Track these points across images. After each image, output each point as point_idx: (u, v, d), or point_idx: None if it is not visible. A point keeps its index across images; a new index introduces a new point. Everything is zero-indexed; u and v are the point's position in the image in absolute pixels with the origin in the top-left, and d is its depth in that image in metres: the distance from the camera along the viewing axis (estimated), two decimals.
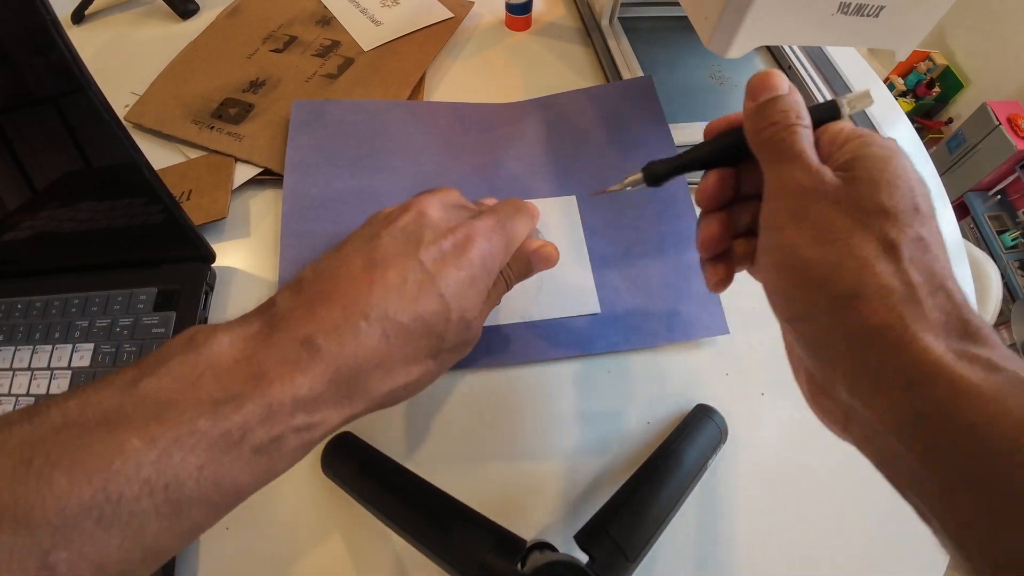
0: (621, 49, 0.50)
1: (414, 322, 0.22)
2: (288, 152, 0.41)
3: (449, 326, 0.23)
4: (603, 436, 0.34)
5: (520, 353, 0.35)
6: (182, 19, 0.53)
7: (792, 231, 0.20)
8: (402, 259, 0.23)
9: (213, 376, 0.19)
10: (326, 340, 0.21)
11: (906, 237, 0.18)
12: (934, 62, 1.56)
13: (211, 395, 0.19)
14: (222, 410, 0.18)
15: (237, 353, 0.20)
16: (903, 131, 0.52)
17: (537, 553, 0.25)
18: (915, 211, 0.19)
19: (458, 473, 0.32)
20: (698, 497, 0.32)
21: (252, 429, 0.19)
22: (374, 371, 0.22)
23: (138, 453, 0.17)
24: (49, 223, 0.33)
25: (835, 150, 0.21)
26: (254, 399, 0.19)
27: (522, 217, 0.28)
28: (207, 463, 0.18)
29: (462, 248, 0.24)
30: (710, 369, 0.37)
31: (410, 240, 0.24)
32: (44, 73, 0.27)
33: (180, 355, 0.19)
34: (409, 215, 0.25)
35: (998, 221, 1.36)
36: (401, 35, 0.50)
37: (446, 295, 0.23)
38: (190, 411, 0.18)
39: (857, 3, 0.34)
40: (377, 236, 0.24)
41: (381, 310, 0.22)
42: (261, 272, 0.38)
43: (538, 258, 0.29)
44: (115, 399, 0.18)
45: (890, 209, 0.18)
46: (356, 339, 0.21)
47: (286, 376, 0.20)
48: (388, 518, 0.26)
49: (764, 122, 0.22)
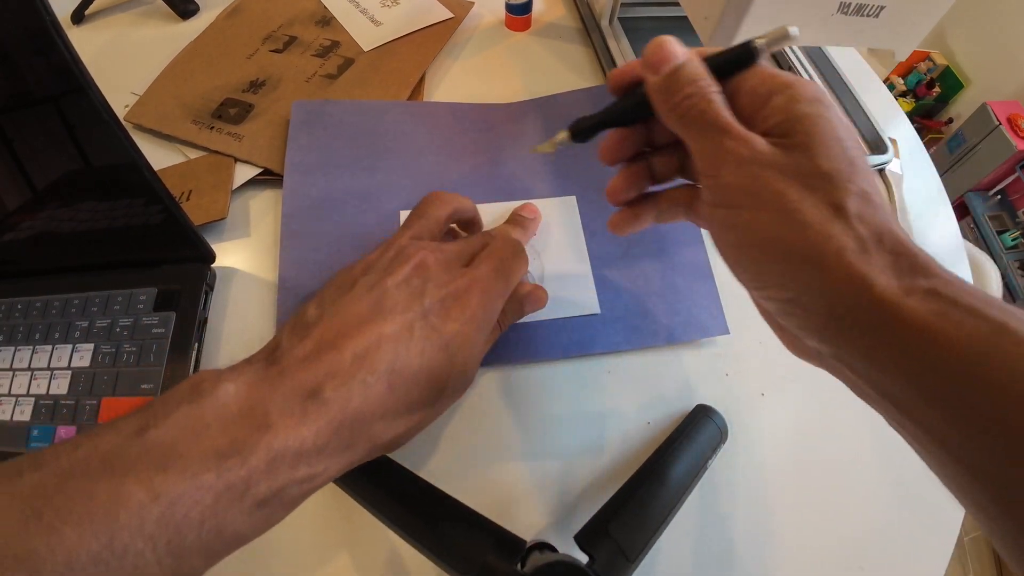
0: (621, 49, 0.50)
1: (419, 375, 0.23)
2: (288, 152, 0.41)
3: (451, 378, 0.24)
4: (603, 436, 0.34)
5: (520, 353, 0.35)
6: (182, 19, 0.53)
7: (748, 212, 0.20)
8: (408, 313, 0.23)
9: (219, 427, 0.19)
10: (333, 392, 0.21)
11: (850, 196, 0.19)
12: (934, 62, 1.56)
13: (216, 447, 0.19)
14: (227, 463, 0.18)
15: (243, 402, 0.20)
16: (903, 131, 0.51)
17: (537, 553, 0.25)
18: (852, 167, 0.19)
19: (458, 473, 0.32)
20: (698, 497, 0.32)
21: (256, 482, 0.19)
22: (377, 422, 0.22)
23: (143, 508, 0.17)
24: (49, 223, 0.33)
25: (760, 107, 0.21)
26: (258, 452, 0.19)
27: (519, 261, 0.28)
28: (210, 516, 0.18)
29: (464, 301, 0.25)
30: (710, 369, 0.37)
31: (414, 294, 0.24)
32: (44, 73, 0.27)
33: (186, 405, 0.19)
34: (411, 266, 0.25)
35: (998, 221, 1.36)
36: (401, 35, 0.50)
37: (450, 348, 0.24)
38: (195, 464, 0.18)
39: (857, 3, 0.34)
40: (382, 286, 0.24)
41: (388, 364, 0.22)
42: (261, 272, 0.38)
43: (530, 301, 0.30)
44: (121, 448, 0.18)
45: (831, 173, 0.19)
46: (363, 392, 0.21)
47: (291, 428, 0.20)
48: (388, 518, 0.26)
49: (676, 96, 0.22)
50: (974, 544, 1.22)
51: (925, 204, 0.46)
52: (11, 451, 0.31)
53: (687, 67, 0.22)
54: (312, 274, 0.36)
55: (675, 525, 0.28)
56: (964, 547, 1.22)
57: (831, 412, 0.36)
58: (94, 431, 0.19)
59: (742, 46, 0.22)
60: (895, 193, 0.46)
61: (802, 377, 0.37)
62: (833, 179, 0.19)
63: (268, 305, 0.36)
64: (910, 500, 0.34)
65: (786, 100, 0.21)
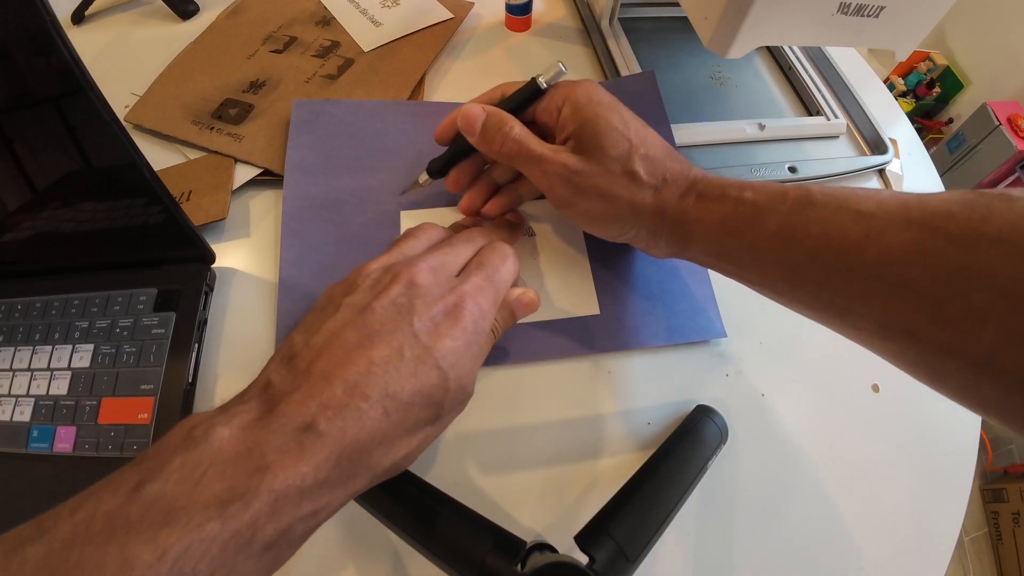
0: (621, 50, 0.50)
1: (414, 396, 0.22)
2: (288, 151, 0.41)
3: (448, 395, 0.23)
4: (603, 436, 0.34)
5: (519, 354, 0.35)
6: (182, 20, 0.53)
7: (583, 204, 0.30)
8: (397, 334, 0.23)
9: (217, 473, 0.19)
10: (328, 424, 0.20)
11: (634, 163, 0.29)
12: (934, 62, 1.56)
13: (217, 495, 0.18)
14: (230, 510, 0.18)
15: (238, 445, 0.20)
16: (903, 131, 0.51)
17: (537, 554, 0.25)
18: (627, 142, 0.30)
19: (458, 473, 0.32)
20: (698, 498, 0.32)
21: (261, 526, 0.18)
22: (376, 449, 0.22)
23: (151, 568, 0.17)
24: (49, 223, 0.33)
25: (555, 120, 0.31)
26: (260, 495, 0.19)
27: (508, 266, 0.28)
28: (219, 566, 0.18)
29: (455, 316, 0.24)
30: (710, 370, 0.37)
31: (402, 313, 0.23)
32: (44, 74, 0.27)
33: (181, 454, 0.19)
34: (399, 285, 0.24)
35: None
36: (401, 36, 0.50)
37: (443, 366, 0.23)
38: (198, 515, 0.18)
39: (857, 3, 0.34)
40: (369, 308, 0.24)
41: (381, 389, 0.21)
42: (261, 273, 0.38)
43: (519, 305, 0.30)
44: (121, 508, 0.18)
45: (615, 155, 0.29)
46: (358, 420, 0.21)
47: (290, 466, 0.19)
48: (387, 519, 0.26)
49: (494, 147, 0.31)
50: (974, 544, 1.22)
51: None
52: (11, 451, 0.31)
53: (489, 120, 0.31)
54: (312, 274, 0.36)
55: (675, 526, 0.28)
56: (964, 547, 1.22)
57: (831, 412, 0.36)
58: (89, 491, 0.18)
59: (529, 84, 0.32)
60: None
61: (802, 377, 0.37)
62: (619, 159, 0.29)
63: (268, 305, 0.36)
64: (910, 500, 0.34)
65: (570, 110, 0.30)
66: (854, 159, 0.46)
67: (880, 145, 0.47)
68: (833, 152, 0.47)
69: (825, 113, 0.49)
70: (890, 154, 0.46)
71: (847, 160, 0.46)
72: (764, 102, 0.51)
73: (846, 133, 0.49)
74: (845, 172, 0.46)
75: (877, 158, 0.46)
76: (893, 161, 0.47)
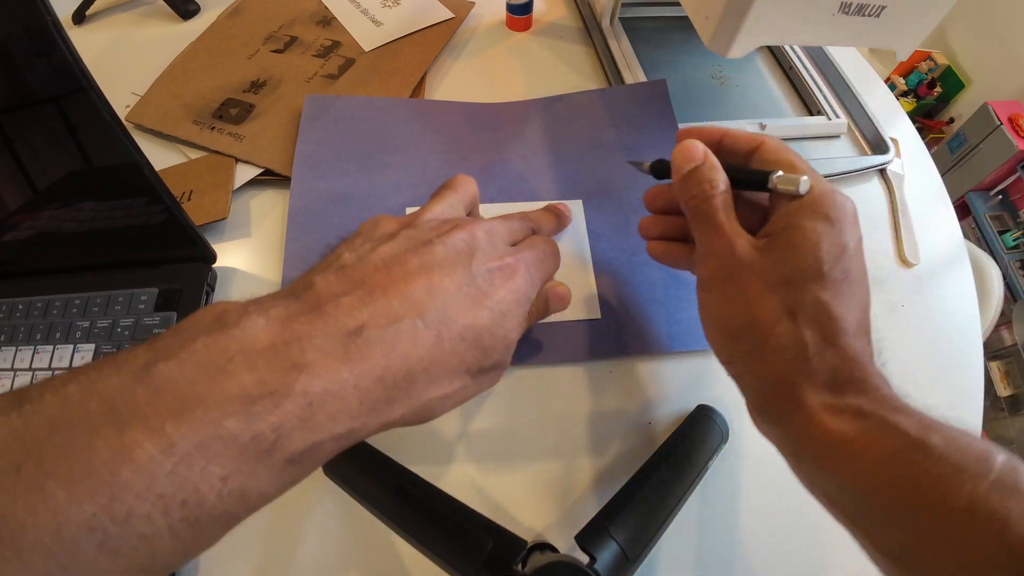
0: (622, 49, 0.50)
1: (466, 331, 0.21)
2: (298, 145, 0.41)
3: (496, 342, 0.23)
4: (603, 436, 0.34)
5: (518, 355, 0.35)
6: (183, 19, 0.53)
7: (718, 294, 0.25)
8: (457, 270, 0.22)
9: (246, 364, 0.16)
10: (380, 333, 0.18)
11: (804, 303, 0.22)
12: (935, 62, 1.55)
13: (243, 389, 0.16)
14: (255, 408, 0.15)
15: (275, 336, 0.17)
16: (904, 131, 0.51)
17: (538, 554, 0.25)
18: (819, 277, 0.22)
19: (458, 473, 0.32)
20: (699, 498, 0.32)
21: (288, 434, 0.16)
22: (421, 375, 0.20)
23: (152, 462, 0.14)
24: (50, 223, 0.33)
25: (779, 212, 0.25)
26: (293, 396, 0.16)
27: (554, 260, 0.28)
28: (233, 473, 0.15)
29: (509, 274, 0.24)
30: (711, 370, 0.37)
31: (461, 256, 0.23)
32: (45, 73, 0.27)
33: (206, 336, 0.16)
34: (462, 232, 0.24)
35: (999, 221, 1.36)
36: (402, 35, 0.50)
37: (495, 311, 0.23)
38: (217, 409, 0.15)
39: (858, 3, 0.34)
40: (431, 243, 0.23)
41: (439, 313, 0.20)
42: (262, 272, 0.38)
43: (555, 296, 0.30)
44: (125, 388, 0.15)
45: (793, 279, 0.23)
46: (412, 338, 0.19)
47: (332, 369, 0.17)
48: (388, 518, 0.26)
49: (686, 195, 0.27)
50: None
51: (926, 204, 0.46)
52: None
53: (701, 169, 0.26)
54: None
55: (676, 525, 0.28)
56: None
57: None
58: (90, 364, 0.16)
59: (758, 172, 0.26)
60: (896, 193, 0.46)
61: None
62: (793, 285, 0.23)
63: None
64: None
65: (803, 214, 0.24)
66: (855, 159, 0.46)
67: (881, 145, 0.47)
68: (834, 152, 0.47)
69: (826, 113, 0.48)
70: (891, 154, 0.46)
71: (848, 160, 0.46)
72: (765, 102, 0.51)
73: (847, 133, 0.49)
74: (846, 172, 0.46)
75: (878, 158, 0.46)
76: (894, 161, 0.47)
